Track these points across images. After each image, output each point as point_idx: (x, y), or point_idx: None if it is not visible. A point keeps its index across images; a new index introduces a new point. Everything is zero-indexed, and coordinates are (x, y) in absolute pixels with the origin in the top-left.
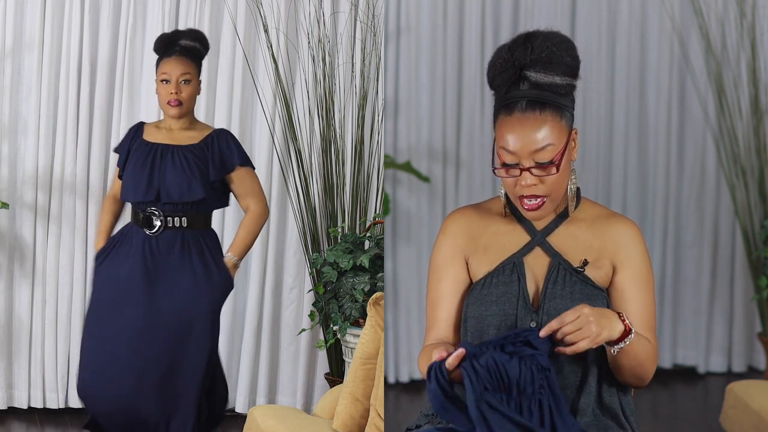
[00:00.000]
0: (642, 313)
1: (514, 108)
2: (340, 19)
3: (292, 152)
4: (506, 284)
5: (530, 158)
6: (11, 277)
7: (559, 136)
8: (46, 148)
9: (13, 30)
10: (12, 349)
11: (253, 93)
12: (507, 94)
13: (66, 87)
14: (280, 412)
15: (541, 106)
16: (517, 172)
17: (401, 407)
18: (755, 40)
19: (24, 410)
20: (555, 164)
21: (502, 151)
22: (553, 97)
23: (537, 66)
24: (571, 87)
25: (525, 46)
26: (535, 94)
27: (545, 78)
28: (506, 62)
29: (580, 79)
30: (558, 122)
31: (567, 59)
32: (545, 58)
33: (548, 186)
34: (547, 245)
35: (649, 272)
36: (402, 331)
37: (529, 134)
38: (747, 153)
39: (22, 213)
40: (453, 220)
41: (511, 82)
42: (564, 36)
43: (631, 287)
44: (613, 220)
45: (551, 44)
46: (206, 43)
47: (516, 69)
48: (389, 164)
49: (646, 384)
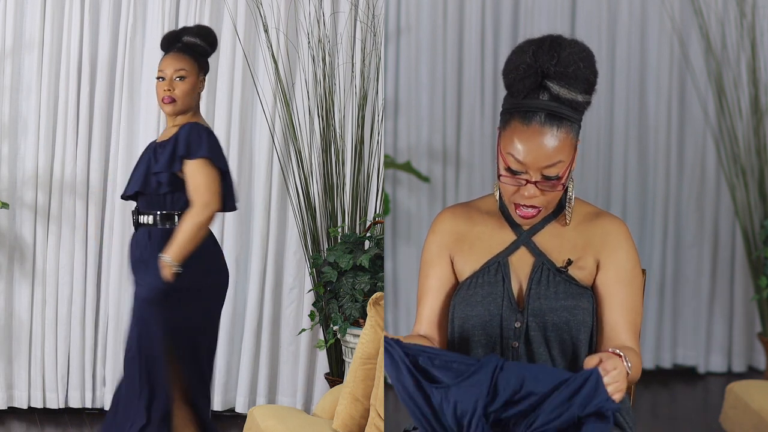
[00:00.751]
0: (625, 312)
1: (532, 118)
2: (340, 19)
3: (292, 152)
4: (491, 284)
5: (538, 172)
6: (11, 277)
7: (569, 152)
8: (46, 148)
9: (13, 30)
10: (12, 349)
11: (253, 93)
12: (524, 100)
13: (66, 87)
14: (280, 412)
15: (558, 121)
16: (522, 181)
17: (401, 407)
18: (755, 40)
19: (24, 410)
20: (561, 181)
21: (510, 158)
22: (571, 113)
23: (561, 79)
24: (589, 104)
25: (551, 55)
26: (554, 107)
27: (568, 94)
28: (529, 68)
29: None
30: (571, 139)
31: (591, 77)
32: (571, 74)
33: (547, 199)
34: (532, 245)
35: (635, 271)
36: (402, 331)
37: (543, 149)
38: (747, 153)
39: (22, 213)
40: (441, 219)
41: (531, 89)
42: (589, 49)
43: (615, 286)
44: (599, 218)
45: (578, 59)
46: (211, 38)
47: (537, 77)
48: (389, 164)
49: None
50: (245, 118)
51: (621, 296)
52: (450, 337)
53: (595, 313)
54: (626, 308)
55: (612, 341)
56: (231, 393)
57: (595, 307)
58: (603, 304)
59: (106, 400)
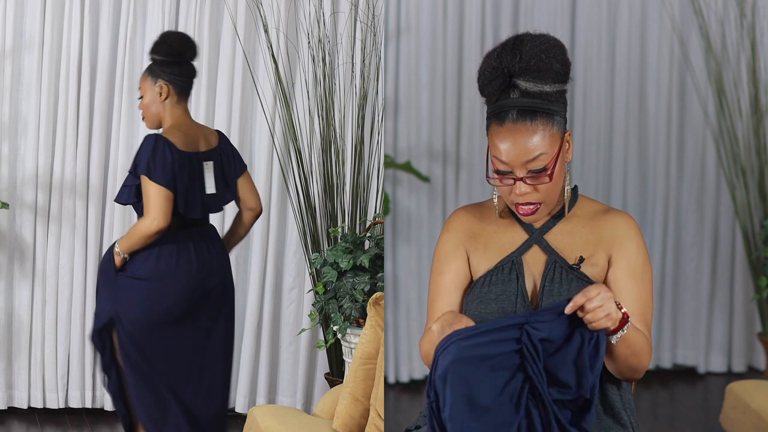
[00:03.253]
0: (637, 306)
1: (505, 118)
2: (340, 19)
3: (292, 152)
4: (505, 282)
5: (523, 168)
6: (11, 277)
7: (551, 143)
8: (46, 148)
9: (13, 30)
10: (12, 349)
11: (253, 93)
12: (497, 101)
13: (66, 87)
14: (280, 412)
15: (531, 114)
16: (511, 181)
17: (401, 407)
18: (755, 40)
19: (24, 410)
20: (548, 173)
21: (495, 160)
22: (543, 105)
23: (526, 74)
24: (562, 93)
25: (513, 53)
26: (525, 102)
27: (535, 87)
28: (495, 70)
29: (571, 80)
30: (549, 129)
31: (556, 65)
32: (534, 66)
33: (542, 193)
34: (545, 243)
35: (646, 265)
36: (402, 331)
37: (520, 144)
38: (747, 153)
39: (22, 213)
40: (456, 217)
41: (501, 90)
42: (554, 40)
43: (626, 280)
44: (608, 214)
45: (539, 51)
46: (162, 46)
47: (505, 77)
48: (389, 164)
49: (640, 376)
50: (245, 118)
51: (632, 290)
52: None
53: None
54: (638, 301)
55: None
56: (231, 393)
57: None
58: (615, 298)
59: (106, 400)
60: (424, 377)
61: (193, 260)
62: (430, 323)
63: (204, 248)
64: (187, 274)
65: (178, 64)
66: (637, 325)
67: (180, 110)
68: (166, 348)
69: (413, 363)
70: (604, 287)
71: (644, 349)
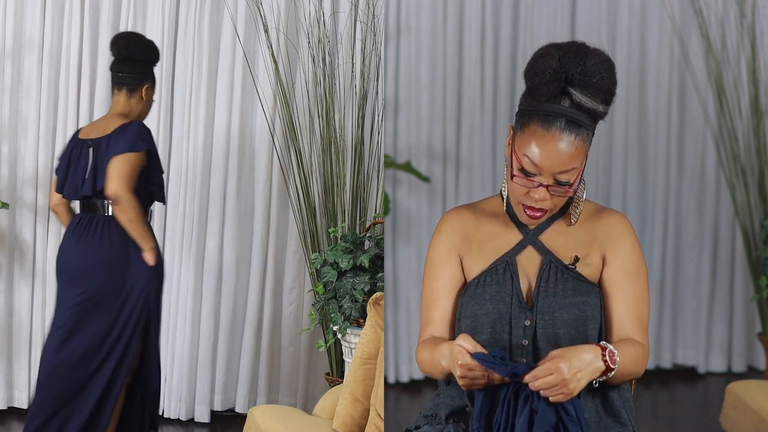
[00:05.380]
0: (631, 306)
1: (553, 124)
2: (340, 19)
3: (292, 152)
4: (500, 283)
5: (552, 176)
6: (11, 277)
7: (582, 160)
8: (46, 148)
9: (13, 30)
10: (12, 349)
11: (253, 93)
12: (546, 104)
13: (66, 87)
14: (280, 412)
15: (577, 128)
16: (535, 183)
17: (401, 407)
18: (755, 40)
19: (24, 410)
20: (572, 187)
21: (526, 159)
22: (589, 121)
23: (585, 87)
24: (606, 115)
25: (577, 63)
26: (575, 114)
27: (589, 103)
28: (555, 73)
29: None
30: (585, 147)
31: (612, 87)
32: (595, 83)
33: (555, 201)
34: (539, 244)
35: (641, 264)
36: (402, 331)
37: (560, 155)
38: (747, 153)
39: (22, 213)
40: (448, 219)
41: (554, 94)
42: (611, 60)
43: (621, 279)
44: (602, 214)
45: (602, 69)
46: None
47: (562, 83)
48: (389, 164)
49: (638, 377)
50: (245, 118)
51: (627, 289)
52: (457, 334)
53: (603, 308)
54: (633, 301)
55: (619, 335)
56: (231, 393)
57: (603, 302)
58: (610, 298)
59: None
60: (424, 377)
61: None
62: (425, 329)
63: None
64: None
65: (115, 61)
66: (631, 327)
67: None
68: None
69: (413, 363)
70: (560, 366)
71: (638, 364)
